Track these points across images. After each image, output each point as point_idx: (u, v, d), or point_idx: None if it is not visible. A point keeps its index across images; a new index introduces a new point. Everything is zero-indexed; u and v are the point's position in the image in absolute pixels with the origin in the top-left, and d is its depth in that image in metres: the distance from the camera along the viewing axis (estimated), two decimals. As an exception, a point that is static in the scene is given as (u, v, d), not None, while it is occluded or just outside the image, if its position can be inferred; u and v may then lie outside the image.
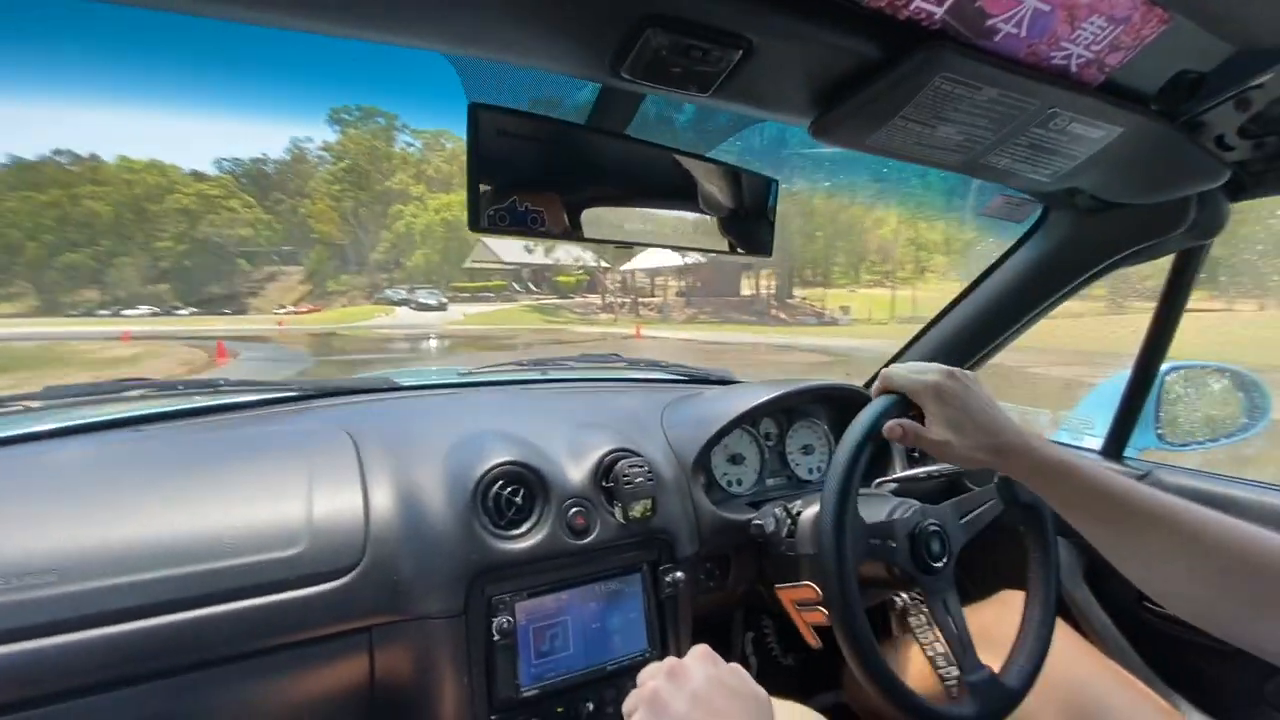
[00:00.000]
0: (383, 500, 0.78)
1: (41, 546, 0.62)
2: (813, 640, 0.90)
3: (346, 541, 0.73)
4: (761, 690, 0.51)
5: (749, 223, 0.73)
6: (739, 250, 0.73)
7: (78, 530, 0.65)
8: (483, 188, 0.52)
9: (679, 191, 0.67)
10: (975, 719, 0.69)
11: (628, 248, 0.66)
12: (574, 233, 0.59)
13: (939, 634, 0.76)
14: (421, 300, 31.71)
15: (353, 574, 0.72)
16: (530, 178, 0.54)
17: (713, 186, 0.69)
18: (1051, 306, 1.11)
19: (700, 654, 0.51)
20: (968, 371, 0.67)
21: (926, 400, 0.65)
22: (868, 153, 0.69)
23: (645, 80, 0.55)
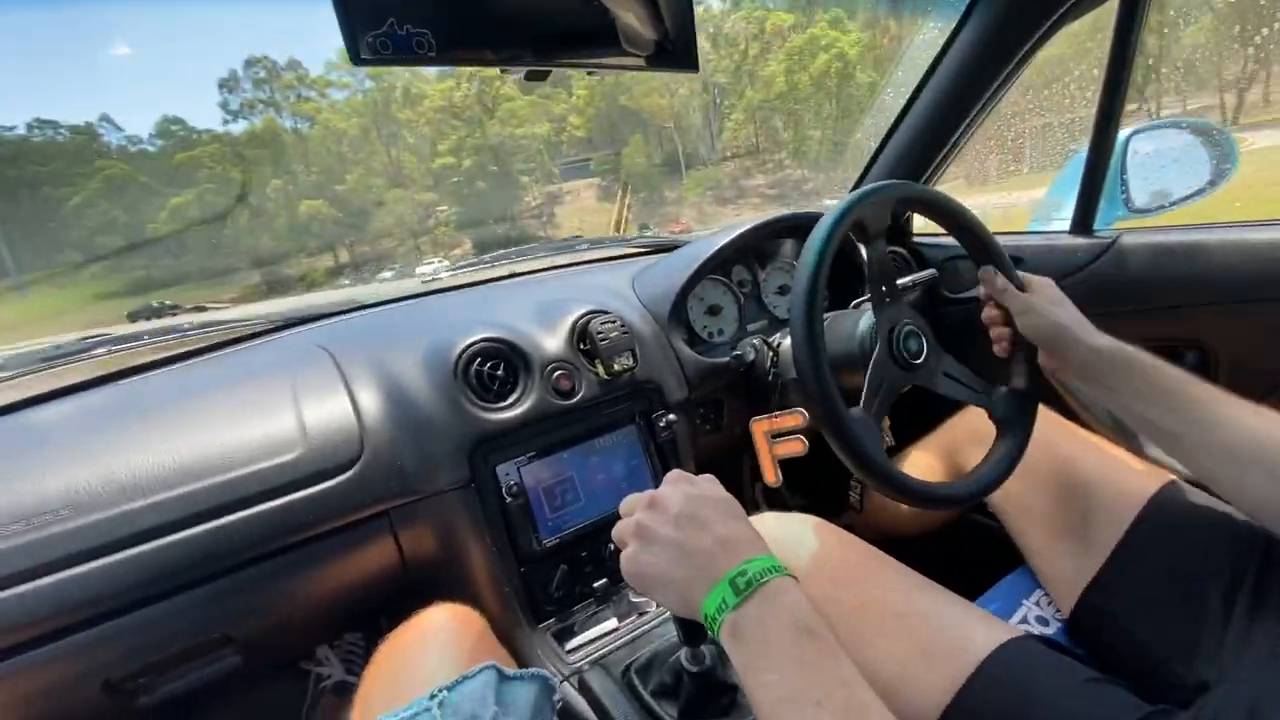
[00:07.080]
0: (369, 397, 0.80)
1: (49, 489, 0.64)
2: (773, 476, 0.86)
3: (343, 439, 0.76)
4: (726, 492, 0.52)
5: (666, 32, 0.68)
6: (657, 66, 0.68)
7: (82, 470, 0.66)
8: (352, 11, 0.48)
9: None
10: (966, 496, 0.72)
11: (542, 79, 0.62)
12: (468, 57, 0.56)
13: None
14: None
15: (356, 467, 0.75)
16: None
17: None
18: (1005, 84, 1.07)
19: (674, 479, 0.52)
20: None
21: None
22: None
23: None
